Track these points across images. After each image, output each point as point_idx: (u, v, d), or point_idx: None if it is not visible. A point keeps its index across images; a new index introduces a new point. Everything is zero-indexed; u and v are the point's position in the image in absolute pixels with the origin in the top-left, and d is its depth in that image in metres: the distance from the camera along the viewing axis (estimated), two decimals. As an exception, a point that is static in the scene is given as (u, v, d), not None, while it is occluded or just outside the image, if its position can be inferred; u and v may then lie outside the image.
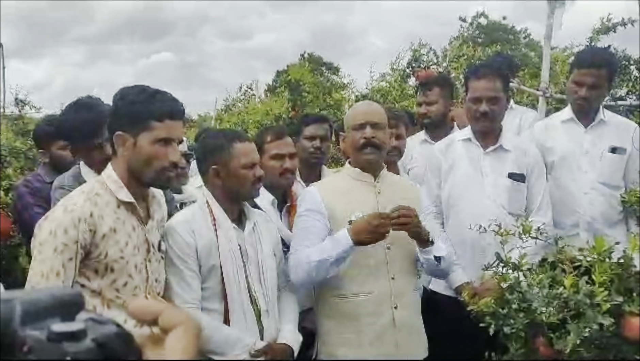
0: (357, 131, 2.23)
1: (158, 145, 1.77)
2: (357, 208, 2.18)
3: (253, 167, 2.12)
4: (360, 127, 2.23)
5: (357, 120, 2.24)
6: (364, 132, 2.21)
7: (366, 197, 2.24)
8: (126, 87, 1.83)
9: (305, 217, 2.23)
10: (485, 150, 2.66)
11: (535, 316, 1.68)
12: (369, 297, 2.17)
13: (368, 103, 2.50)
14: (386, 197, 2.25)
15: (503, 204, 2.58)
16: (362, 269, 2.16)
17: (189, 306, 1.98)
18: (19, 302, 0.38)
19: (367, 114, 2.26)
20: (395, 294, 2.19)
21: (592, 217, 2.73)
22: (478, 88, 2.60)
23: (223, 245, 2.05)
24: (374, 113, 2.28)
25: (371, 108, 2.33)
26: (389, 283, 2.19)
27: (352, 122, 2.27)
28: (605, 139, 2.79)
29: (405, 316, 2.21)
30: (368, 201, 2.22)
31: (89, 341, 0.37)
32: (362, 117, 2.25)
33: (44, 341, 0.37)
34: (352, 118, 2.29)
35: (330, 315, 2.24)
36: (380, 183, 2.28)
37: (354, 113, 2.31)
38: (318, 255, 2.08)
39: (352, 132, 2.26)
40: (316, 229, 2.19)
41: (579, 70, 2.79)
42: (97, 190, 1.78)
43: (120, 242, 1.75)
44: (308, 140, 2.91)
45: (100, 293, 1.73)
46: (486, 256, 2.37)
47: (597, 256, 1.66)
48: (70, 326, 0.38)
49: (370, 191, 2.25)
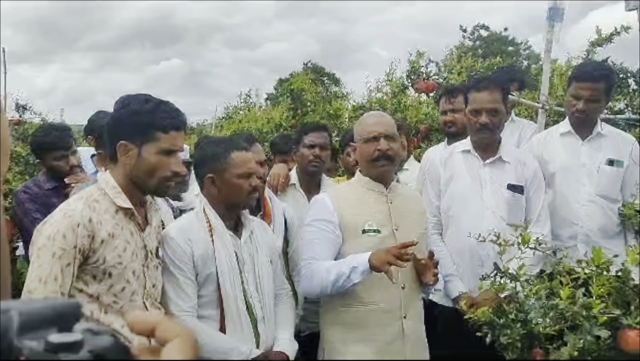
0: (371, 143, 2.23)
1: (162, 156, 1.79)
2: (369, 218, 2.18)
3: (249, 176, 2.13)
4: (374, 139, 2.22)
5: (371, 132, 2.24)
6: (378, 143, 2.21)
7: (378, 206, 2.23)
8: (129, 96, 1.84)
9: (315, 227, 2.22)
10: (485, 161, 2.67)
11: (532, 327, 1.67)
12: (380, 306, 2.17)
13: (380, 115, 2.48)
14: (397, 207, 2.26)
15: (502, 215, 2.58)
16: (374, 278, 2.14)
17: (185, 314, 1.99)
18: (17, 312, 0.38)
19: (380, 126, 2.25)
20: (405, 303, 2.19)
21: (590, 229, 2.74)
22: (478, 100, 2.61)
23: (219, 252, 2.06)
24: (386, 125, 2.27)
25: (383, 120, 2.32)
26: (399, 293, 2.18)
27: (364, 134, 2.26)
28: (603, 152, 2.80)
29: (413, 327, 2.21)
30: (380, 210, 2.22)
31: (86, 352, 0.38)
32: (376, 128, 2.24)
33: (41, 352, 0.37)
34: (364, 129, 2.28)
35: (336, 323, 2.23)
36: (392, 193, 2.28)
37: (366, 125, 2.30)
38: (335, 274, 2.08)
39: (363, 145, 2.25)
40: (327, 240, 2.18)
41: (577, 83, 2.80)
42: (95, 196, 1.78)
43: (119, 248, 1.76)
44: (307, 149, 2.91)
45: (97, 298, 1.73)
46: (484, 266, 2.38)
47: (595, 268, 1.66)
48: (67, 337, 0.38)
49: (382, 200, 2.25)
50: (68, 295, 1.69)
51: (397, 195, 2.30)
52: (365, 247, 2.10)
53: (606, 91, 2.80)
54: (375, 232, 2.18)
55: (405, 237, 2.18)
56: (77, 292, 1.71)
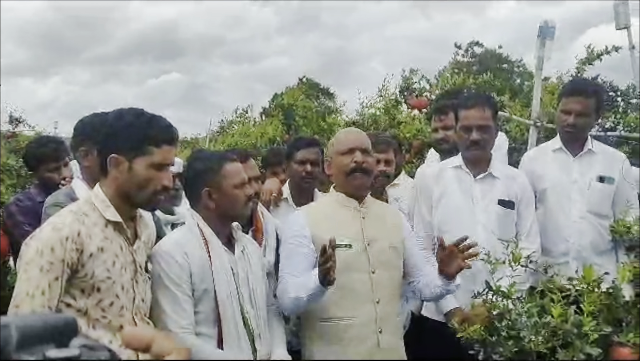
0: (346, 156, 2.26)
1: (153, 170, 1.78)
2: (342, 233, 2.19)
3: (243, 186, 2.14)
4: (350, 151, 2.25)
5: (346, 145, 2.27)
6: (354, 156, 2.24)
7: (351, 222, 2.26)
8: (122, 109, 1.84)
9: (290, 244, 2.25)
10: (476, 177, 2.69)
11: (524, 344, 1.68)
12: (353, 321, 2.18)
13: (353, 130, 2.55)
14: (370, 222, 2.28)
15: (493, 230, 2.60)
16: (347, 293, 2.18)
17: (184, 331, 1.95)
18: (15, 327, 0.39)
19: (354, 140, 2.30)
20: (381, 318, 2.20)
21: (581, 246, 2.76)
22: (469, 117, 2.64)
23: (217, 267, 2.03)
24: (362, 139, 2.33)
25: (358, 135, 2.38)
26: (374, 307, 2.19)
27: (340, 147, 2.29)
28: (594, 169, 2.83)
29: (389, 341, 2.22)
30: (353, 226, 2.24)
31: None
32: (350, 142, 2.28)
33: (39, 367, 0.37)
34: (339, 143, 2.32)
35: (314, 338, 2.24)
36: (365, 209, 2.30)
37: (341, 139, 2.34)
38: (294, 292, 2.12)
39: (339, 157, 2.28)
40: (302, 256, 2.21)
41: (566, 98, 2.85)
42: (84, 210, 1.77)
43: (108, 262, 1.74)
44: (299, 165, 2.92)
45: (85, 312, 1.71)
46: (476, 282, 2.38)
47: (587, 286, 1.67)
48: (64, 352, 0.38)
49: (355, 216, 2.27)
50: (55, 310, 1.66)
51: (370, 210, 2.32)
52: (337, 262, 2.08)
53: (596, 107, 2.84)
54: (346, 247, 2.19)
55: (377, 252, 2.23)
56: (65, 307, 1.69)
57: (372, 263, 2.22)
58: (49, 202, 2.41)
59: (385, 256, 2.27)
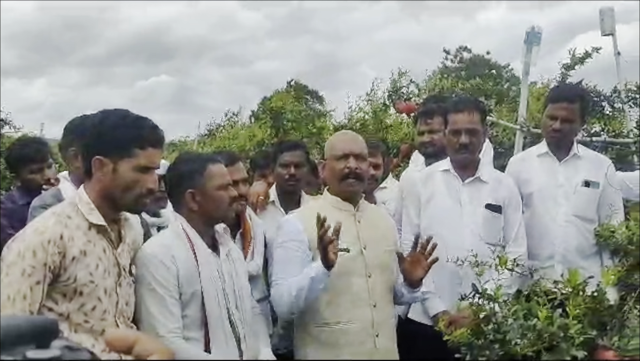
0: (340, 161, 2.26)
1: (138, 172, 1.75)
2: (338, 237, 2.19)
3: (227, 187, 2.12)
4: (343, 157, 2.25)
5: (340, 150, 2.27)
6: (347, 162, 2.24)
7: (347, 225, 2.25)
8: (107, 110, 1.81)
9: (284, 248, 2.23)
10: (464, 181, 2.71)
11: (510, 347, 1.69)
12: (350, 325, 2.17)
13: (349, 134, 2.53)
14: (365, 226, 2.28)
15: (480, 234, 2.62)
16: (344, 297, 2.16)
17: (172, 335, 1.93)
18: None
19: (349, 145, 2.29)
20: (377, 322, 2.20)
21: (566, 249, 2.78)
22: (457, 121, 2.66)
23: (204, 270, 2.01)
24: (356, 143, 2.31)
25: (353, 139, 2.36)
26: (370, 311, 2.19)
27: (334, 152, 2.29)
28: (579, 173, 2.86)
29: (385, 345, 2.22)
30: (348, 229, 2.23)
31: None
32: (345, 147, 2.28)
33: (19, 368, 0.37)
34: (333, 148, 2.31)
35: (309, 343, 2.22)
36: (360, 212, 2.30)
37: (336, 143, 2.34)
38: (296, 290, 2.09)
39: (334, 162, 2.28)
40: (297, 259, 2.19)
41: (552, 104, 2.88)
42: (68, 212, 1.74)
43: (91, 266, 1.71)
44: (282, 168, 2.92)
45: (67, 317, 1.68)
46: (463, 285, 2.39)
47: (572, 289, 1.68)
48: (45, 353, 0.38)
49: (350, 219, 2.27)
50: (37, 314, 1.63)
51: (365, 214, 2.33)
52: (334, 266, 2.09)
53: (581, 112, 2.88)
54: (343, 250, 2.19)
55: (373, 255, 2.23)
56: (47, 311, 1.66)
57: (369, 266, 2.21)
58: (35, 203, 2.38)
59: (380, 259, 2.28)
